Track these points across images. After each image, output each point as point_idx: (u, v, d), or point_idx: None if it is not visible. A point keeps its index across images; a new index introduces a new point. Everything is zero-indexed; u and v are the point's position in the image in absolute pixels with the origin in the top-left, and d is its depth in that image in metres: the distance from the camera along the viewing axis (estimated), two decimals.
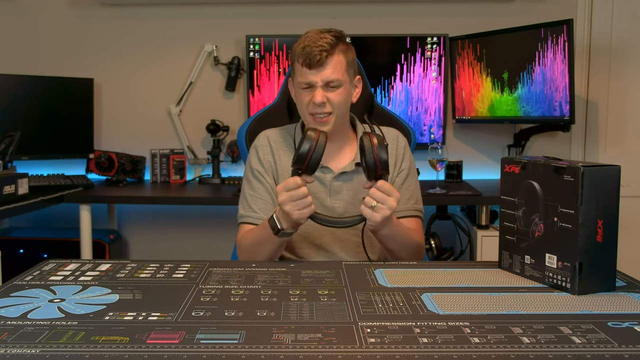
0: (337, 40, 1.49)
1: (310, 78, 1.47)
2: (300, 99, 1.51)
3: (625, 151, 3.03)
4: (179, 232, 3.20)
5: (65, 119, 2.98)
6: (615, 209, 1.11)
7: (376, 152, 1.30)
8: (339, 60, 1.48)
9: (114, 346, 0.85)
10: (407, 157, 1.64)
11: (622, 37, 2.99)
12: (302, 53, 1.46)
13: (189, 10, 3.12)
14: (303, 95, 1.50)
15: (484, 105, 2.90)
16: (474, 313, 1.00)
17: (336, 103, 1.49)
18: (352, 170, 1.57)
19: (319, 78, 1.46)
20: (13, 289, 1.13)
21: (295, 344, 0.86)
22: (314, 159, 1.31)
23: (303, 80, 1.48)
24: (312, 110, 1.49)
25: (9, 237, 2.97)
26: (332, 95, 1.48)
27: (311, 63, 1.45)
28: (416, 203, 1.61)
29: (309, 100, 1.48)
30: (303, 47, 1.46)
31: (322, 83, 1.47)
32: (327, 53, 1.45)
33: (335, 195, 1.56)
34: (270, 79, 2.99)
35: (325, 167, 1.56)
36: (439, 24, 3.05)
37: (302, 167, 1.32)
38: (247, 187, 1.61)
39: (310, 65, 1.46)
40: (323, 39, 1.47)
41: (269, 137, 1.63)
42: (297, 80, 1.50)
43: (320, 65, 1.45)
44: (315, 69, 1.46)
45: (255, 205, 1.56)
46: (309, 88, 1.48)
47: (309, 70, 1.46)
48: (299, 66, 1.48)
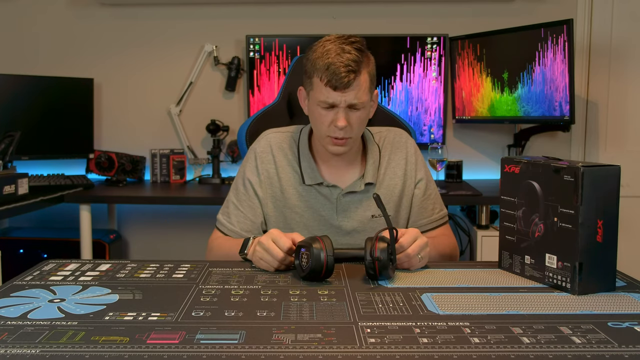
0: (361, 54, 1.36)
1: (335, 99, 1.35)
2: (319, 118, 1.40)
3: (625, 151, 3.03)
4: (179, 232, 3.20)
5: (65, 119, 2.98)
6: (615, 209, 1.11)
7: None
8: (364, 80, 1.37)
9: (114, 346, 0.85)
10: (420, 164, 1.56)
11: (622, 37, 2.99)
12: (326, 71, 1.34)
13: (189, 10, 3.12)
14: (323, 115, 1.39)
15: (484, 105, 2.90)
16: (474, 313, 1.00)
17: (357, 127, 1.40)
18: (362, 191, 1.49)
19: (343, 99, 1.35)
20: (13, 289, 1.13)
21: (295, 344, 0.86)
22: (329, 270, 1.18)
23: (325, 99, 1.36)
24: (332, 134, 1.39)
25: (9, 237, 2.97)
26: (354, 117, 1.38)
27: (337, 84, 1.33)
28: (441, 210, 1.57)
29: (329, 121, 1.38)
30: (328, 66, 1.34)
31: (346, 105, 1.36)
32: (354, 75, 1.34)
33: (343, 213, 1.49)
34: (270, 79, 2.99)
35: (332, 186, 1.48)
36: (439, 24, 3.05)
37: (319, 277, 1.19)
38: (233, 195, 1.54)
39: (336, 87, 1.34)
40: (347, 55, 1.34)
41: (271, 144, 1.53)
42: (317, 98, 1.38)
43: (346, 87, 1.34)
44: (342, 90, 1.34)
45: (234, 217, 1.51)
46: (330, 108, 1.38)
47: (333, 91, 1.35)
48: (321, 84, 1.36)
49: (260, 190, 1.51)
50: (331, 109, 1.38)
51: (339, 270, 1.26)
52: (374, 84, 1.44)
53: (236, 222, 1.51)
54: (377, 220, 1.49)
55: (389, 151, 1.55)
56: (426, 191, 1.55)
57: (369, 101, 1.42)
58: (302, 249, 1.20)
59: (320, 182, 1.48)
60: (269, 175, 1.51)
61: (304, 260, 1.19)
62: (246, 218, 1.51)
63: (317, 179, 1.48)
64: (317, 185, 1.49)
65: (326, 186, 1.48)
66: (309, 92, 1.43)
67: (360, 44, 1.39)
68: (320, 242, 1.17)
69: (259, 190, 1.51)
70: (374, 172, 1.51)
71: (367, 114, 1.43)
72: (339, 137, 1.39)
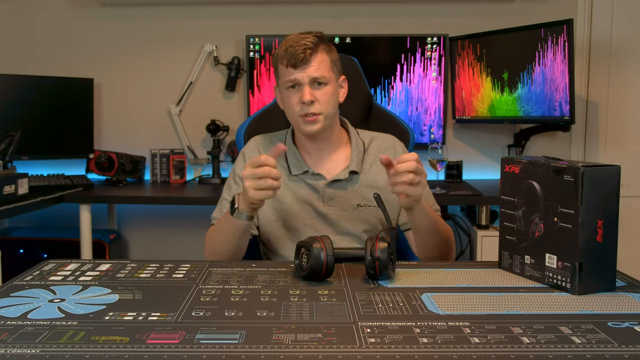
0: (319, 39, 1.49)
1: (296, 76, 1.46)
2: (288, 101, 1.49)
3: (625, 151, 3.03)
4: (179, 232, 3.20)
5: (65, 119, 2.98)
6: (615, 209, 1.11)
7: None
8: (323, 58, 1.48)
9: (114, 346, 0.85)
10: None
11: (622, 37, 2.99)
12: (285, 54, 1.46)
13: (189, 10, 3.12)
14: (290, 96, 1.48)
15: (484, 105, 2.90)
16: (474, 313, 1.00)
17: (324, 101, 1.47)
18: (346, 179, 1.55)
19: (305, 74, 1.45)
20: (13, 289, 1.13)
21: (295, 344, 0.86)
22: (329, 270, 1.18)
23: (289, 79, 1.47)
24: (301, 112, 1.47)
25: (9, 237, 2.97)
26: (320, 94, 1.47)
27: (296, 62, 1.45)
28: (433, 204, 1.59)
29: (297, 101, 1.47)
30: (286, 49, 1.46)
31: (309, 80, 1.46)
32: (310, 51, 1.45)
33: (329, 201, 1.54)
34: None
35: (317, 174, 1.55)
36: (439, 24, 3.05)
37: (319, 277, 1.19)
38: (226, 192, 1.60)
39: (295, 65, 1.45)
40: (305, 39, 1.46)
41: (258, 145, 1.62)
42: (282, 81, 1.49)
43: (305, 64, 1.45)
44: (301, 67, 1.45)
45: None
46: (295, 88, 1.47)
47: (294, 69, 1.46)
48: (283, 67, 1.48)
49: None
50: (297, 90, 1.47)
51: (339, 270, 1.26)
52: (338, 69, 1.54)
53: None
54: (363, 209, 1.55)
55: (376, 151, 1.60)
56: None
57: (334, 78, 1.51)
58: (302, 248, 1.20)
59: (305, 170, 1.55)
60: None
61: (304, 260, 1.19)
62: None
63: (302, 168, 1.55)
64: (303, 175, 1.55)
65: (311, 174, 1.55)
66: (279, 83, 1.53)
67: (319, 34, 1.51)
68: (320, 242, 1.17)
69: None
70: (358, 161, 1.57)
71: (333, 91, 1.50)
72: (309, 112, 1.46)
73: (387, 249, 1.16)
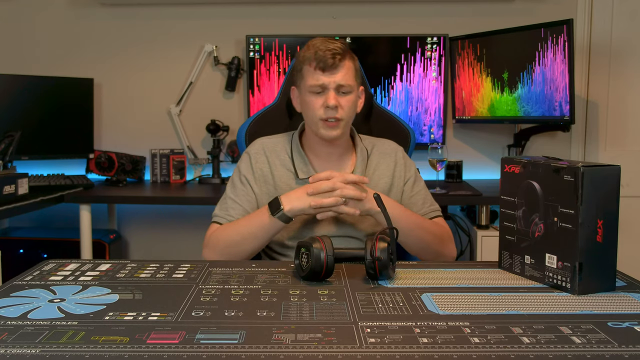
0: (345, 46, 1.50)
1: (324, 80, 1.47)
2: (311, 104, 1.50)
3: (625, 151, 3.03)
4: (179, 232, 3.20)
5: (65, 119, 2.98)
6: (615, 209, 1.11)
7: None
8: (350, 66, 1.49)
9: (114, 346, 0.85)
10: (409, 165, 1.65)
11: (622, 37, 2.99)
12: (314, 57, 1.47)
13: (189, 10, 3.12)
14: (314, 99, 1.49)
15: (484, 105, 2.90)
16: (474, 313, 1.00)
17: (346, 108, 1.49)
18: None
19: (332, 80, 1.47)
20: (13, 289, 1.13)
21: (295, 344, 0.86)
22: (329, 270, 1.18)
23: (315, 83, 1.47)
24: (324, 115, 1.48)
25: (9, 237, 2.97)
26: (343, 100, 1.49)
27: (325, 66, 1.46)
28: (431, 204, 1.62)
29: (320, 104, 1.48)
30: (315, 52, 1.47)
31: (335, 86, 1.47)
32: (340, 57, 1.47)
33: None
34: (270, 79, 2.99)
35: None
36: (439, 24, 3.05)
37: (319, 277, 1.19)
38: (230, 191, 1.60)
39: (324, 68, 1.46)
40: (333, 44, 1.48)
41: (264, 146, 1.61)
42: (308, 84, 1.49)
43: (334, 68, 1.46)
44: (329, 71, 1.46)
45: (233, 210, 1.55)
46: (320, 92, 1.48)
47: (322, 73, 1.47)
48: (311, 69, 1.48)
49: (255, 186, 1.58)
50: (322, 94, 1.48)
51: (339, 270, 1.26)
52: (360, 79, 1.57)
53: (235, 214, 1.55)
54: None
55: (378, 157, 1.63)
56: (414, 188, 1.62)
57: (356, 87, 1.53)
58: (302, 248, 1.20)
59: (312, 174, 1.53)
60: (262, 173, 1.58)
61: (304, 260, 1.19)
62: (244, 210, 1.55)
63: (310, 172, 1.56)
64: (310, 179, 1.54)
65: None
66: (300, 85, 1.53)
67: (344, 42, 1.52)
68: (320, 242, 1.18)
69: (255, 186, 1.58)
70: (362, 167, 1.59)
71: (354, 100, 1.53)
72: (332, 117, 1.48)
73: (387, 249, 1.16)
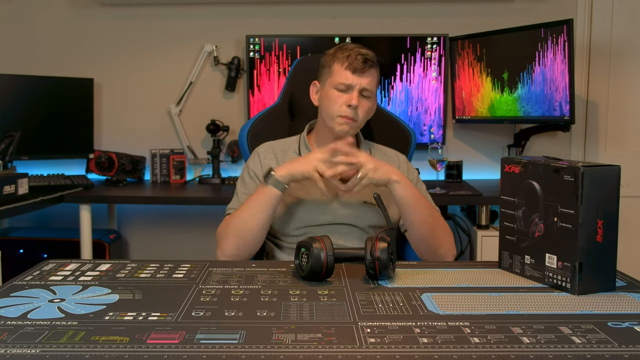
0: (374, 57, 1.58)
1: (352, 80, 1.54)
2: (334, 99, 1.56)
3: (625, 151, 3.03)
4: (179, 232, 3.20)
5: (65, 119, 2.98)
6: (615, 209, 1.11)
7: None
8: (375, 75, 1.59)
9: (114, 346, 0.85)
10: (412, 170, 1.70)
11: (622, 37, 2.99)
12: (347, 58, 1.55)
13: (189, 10, 3.12)
14: (338, 96, 1.56)
15: (484, 105, 2.90)
16: (474, 313, 1.00)
17: (364, 112, 1.57)
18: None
19: (359, 82, 1.54)
20: (13, 289, 1.13)
21: (295, 344, 0.86)
22: (329, 270, 1.19)
23: (344, 81, 1.54)
24: (343, 112, 1.55)
25: (9, 237, 2.97)
26: (363, 103, 1.56)
27: (356, 68, 1.54)
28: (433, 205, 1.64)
29: (343, 101, 1.55)
30: (349, 54, 1.55)
31: (360, 88, 1.55)
32: (371, 63, 1.56)
33: (338, 198, 1.61)
34: (270, 79, 2.99)
35: None
36: (439, 24, 3.05)
37: (319, 277, 1.19)
38: (240, 186, 1.65)
39: (355, 70, 1.54)
40: (366, 50, 1.57)
41: (272, 146, 1.68)
42: (336, 80, 1.56)
43: (363, 72, 1.54)
44: (359, 74, 1.54)
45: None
46: (345, 91, 1.55)
47: (352, 73, 1.54)
48: (341, 68, 1.55)
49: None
50: (346, 92, 1.55)
51: (339, 270, 1.26)
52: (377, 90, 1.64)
53: None
54: (369, 206, 1.61)
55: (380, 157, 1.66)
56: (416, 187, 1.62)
57: (375, 96, 1.62)
58: (302, 248, 1.20)
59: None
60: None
61: (304, 260, 1.19)
62: None
63: None
64: None
65: None
66: (326, 80, 1.59)
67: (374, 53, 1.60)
68: (320, 242, 1.18)
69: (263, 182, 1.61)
70: None
71: (371, 106, 1.61)
72: (349, 115, 1.55)
73: (387, 249, 1.16)
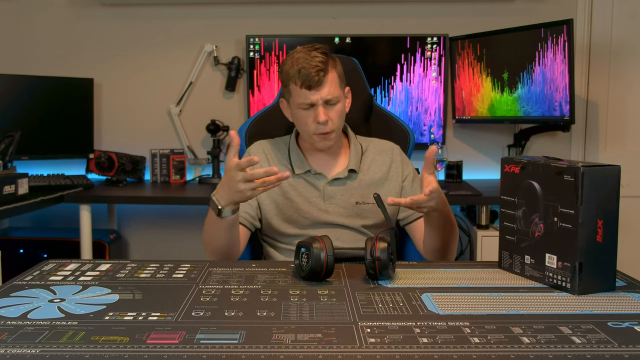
0: (326, 56, 1.52)
1: (312, 98, 1.50)
2: (302, 120, 1.54)
3: (625, 151, 3.03)
4: (179, 232, 3.20)
5: (65, 119, 2.97)
6: (615, 209, 1.11)
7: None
8: (333, 77, 1.52)
9: (114, 346, 0.85)
10: (406, 163, 1.69)
11: (622, 37, 2.99)
12: (299, 75, 1.49)
13: (189, 10, 3.12)
14: (304, 115, 1.54)
15: (484, 105, 2.90)
16: (474, 313, 1.00)
17: (337, 120, 1.54)
18: (346, 177, 1.62)
19: (319, 97, 1.50)
20: (13, 289, 1.13)
21: (295, 344, 0.86)
22: (329, 270, 1.19)
23: (304, 101, 1.51)
24: (316, 130, 1.53)
25: (9, 237, 2.97)
26: (332, 113, 1.53)
27: (310, 84, 1.49)
28: None
29: (312, 120, 1.52)
30: (299, 70, 1.49)
31: (322, 102, 1.51)
32: (323, 72, 1.49)
33: (329, 199, 1.60)
34: (270, 79, 2.99)
35: (319, 174, 1.61)
36: (439, 24, 3.05)
37: (319, 277, 1.19)
38: None
39: (310, 87, 1.49)
40: (315, 59, 1.50)
41: (263, 146, 1.67)
42: (296, 102, 1.53)
43: (319, 85, 1.50)
44: (315, 89, 1.50)
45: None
46: (309, 108, 1.52)
47: (308, 91, 1.50)
48: (297, 88, 1.51)
49: None
50: (311, 109, 1.52)
51: (339, 270, 1.27)
52: (344, 81, 1.59)
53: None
54: (361, 206, 1.60)
55: (374, 153, 1.67)
56: (414, 183, 1.66)
57: (342, 96, 1.57)
58: (302, 249, 1.20)
59: (308, 169, 1.61)
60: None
61: (304, 260, 1.19)
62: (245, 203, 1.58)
63: (305, 167, 1.61)
64: (305, 174, 1.61)
65: (313, 174, 1.61)
66: (289, 100, 1.57)
67: (324, 49, 1.54)
68: (320, 242, 1.18)
69: None
70: (356, 160, 1.63)
71: (343, 107, 1.57)
72: (323, 132, 1.53)
73: (387, 249, 1.16)
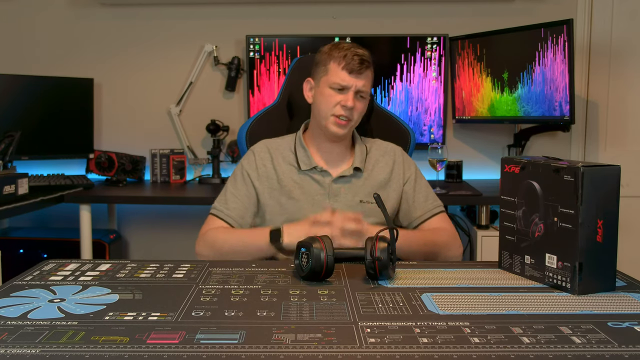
0: (370, 57, 1.57)
1: (348, 81, 1.53)
2: (328, 98, 1.55)
3: (625, 151, 3.03)
4: (179, 232, 3.19)
5: (65, 119, 2.98)
6: (615, 209, 1.11)
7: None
8: (370, 76, 1.58)
9: (114, 346, 0.85)
10: (408, 163, 1.69)
11: (622, 37, 2.99)
12: (344, 58, 1.53)
13: (189, 10, 3.12)
14: (332, 95, 1.55)
15: (484, 105, 2.90)
16: (474, 313, 1.00)
17: (358, 113, 1.57)
18: (351, 175, 1.62)
19: (355, 83, 1.54)
20: (13, 289, 1.13)
21: (295, 344, 0.86)
22: (329, 270, 1.19)
23: (340, 81, 1.54)
24: (338, 112, 1.55)
25: (9, 237, 2.97)
26: (359, 104, 1.56)
27: (352, 68, 1.53)
28: (434, 201, 1.67)
29: (337, 102, 1.54)
30: (345, 54, 1.53)
31: (356, 89, 1.54)
32: (367, 64, 1.55)
33: (334, 197, 1.61)
34: (270, 79, 2.99)
35: (324, 171, 1.62)
36: (439, 24, 3.05)
37: (319, 277, 1.20)
38: (230, 184, 1.65)
39: (351, 71, 1.53)
40: (362, 51, 1.55)
41: (268, 145, 1.67)
42: (331, 80, 1.55)
43: (359, 73, 1.54)
44: (355, 75, 1.53)
45: (232, 204, 1.61)
46: (341, 90, 1.54)
47: (348, 74, 1.53)
48: (337, 68, 1.54)
49: (257, 183, 1.62)
50: (341, 92, 1.55)
51: (339, 270, 1.26)
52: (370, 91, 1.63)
53: (233, 209, 1.60)
54: (365, 205, 1.60)
55: (377, 154, 1.68)
56: (415, 186, 1.66)
57: (369, 97, 1.61)
58: (302, 249, 1.20)
59: (314, 166, 1.62)
60: (266, 170, 1.63)
61: (304, 260, 1.19)
62: (242, 206, 1.61)
63: (311, 163, 1.62)
64: (311, 171, 1.62)
65: (319, 171, 1.62)
66: (321, 79, 1.58)
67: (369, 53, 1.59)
68: (320, 242, 1.18)
69: (257, 182, 1.62)
70: (361, 159, 1.65)
71: (365, 106, 1.60)
72: (344, 115, 1.55)
73: (387, 249, 1.16)
